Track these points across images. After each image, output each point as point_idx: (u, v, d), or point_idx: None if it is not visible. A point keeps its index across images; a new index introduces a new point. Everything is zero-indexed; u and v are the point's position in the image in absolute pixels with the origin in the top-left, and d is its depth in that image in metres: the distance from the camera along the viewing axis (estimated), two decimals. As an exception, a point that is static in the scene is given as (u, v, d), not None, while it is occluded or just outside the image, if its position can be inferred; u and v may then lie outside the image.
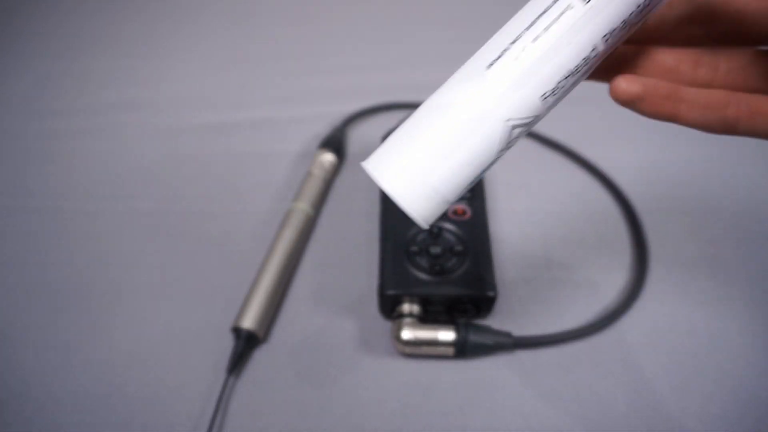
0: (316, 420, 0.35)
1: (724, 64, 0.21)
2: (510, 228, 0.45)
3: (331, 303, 0.41)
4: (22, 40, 0.69)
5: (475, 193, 0.41)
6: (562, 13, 0.18)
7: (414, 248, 0.38)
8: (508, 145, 0.20)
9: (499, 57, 0.19)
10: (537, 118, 0.20)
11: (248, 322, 0.37)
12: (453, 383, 0.36)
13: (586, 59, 0.19)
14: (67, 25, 0.71)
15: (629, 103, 0.20)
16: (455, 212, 0.40)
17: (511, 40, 0.19)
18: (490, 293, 0.36)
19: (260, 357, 0.38)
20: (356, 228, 0.45)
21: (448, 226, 0.39)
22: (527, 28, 0.19)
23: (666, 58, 0.21)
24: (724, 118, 0.20)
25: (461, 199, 0.40)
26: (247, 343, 0.37)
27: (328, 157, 0.48)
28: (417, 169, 0.19)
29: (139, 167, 0.51)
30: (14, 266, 0.43)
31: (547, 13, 0.18)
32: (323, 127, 0.54)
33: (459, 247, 0.38)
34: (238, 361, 0.36)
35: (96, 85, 0.61)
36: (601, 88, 0.24)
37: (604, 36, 0.19)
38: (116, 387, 0.36)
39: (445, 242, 0.38)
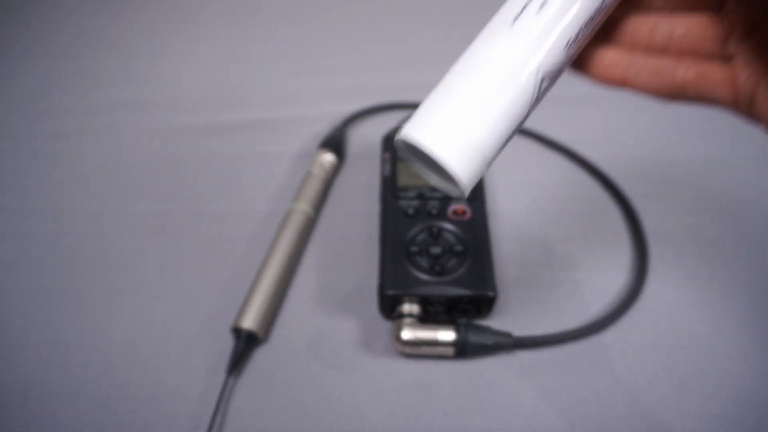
0: (316, 420, 0.35)
1: (679, 29, 0.21)
2: (510, 228, 0.45)
3: (331, 303, 0.41)
4: (23, 40, 0.69)
5: (475, 193, 0.41)
6: None
7: (414, 248, 0.38)
8: (539, 97, 0.20)
9: (522, 11, 0.19)
10: (562, 68, 0.20)
11: (248, 322, 0.37)
12: (453, 383, 0.36)
13: (598, 8, 0.19)
14: (67, 25, 0.71)
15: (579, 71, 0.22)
16: (455, 212, 0.40)
17: None
18: (490, 293, 0.36)
19: (260, 357, 0.38)
20: (356, 228, 0.45)
21: (448, 226, 0.39)
22: None
23: (626, 24, 0.22)
24: (671, 83, 0.21)
25: (461, 199, 0.40)
26: (247, 343, 0.37)
27: (328, 157, 0.48)
28: (458, 127, 0.19)
29: (139, 167, 0.51)
30: (14, 266, 0.43)
31: None
32: (323, 127, 0.54)
33: (459, 247, 0.38)
34: (238, 361, 0.36)
35: (96, 85, 0.61)
36: (601, 88, 0.24)
37: None
38: (116, 387, 0.36)
39: (445, 242, 0.38)
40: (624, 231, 0.45)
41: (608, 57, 0.22)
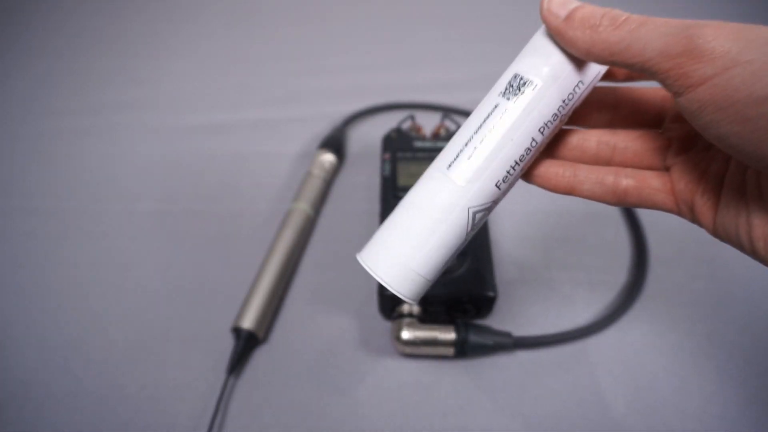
0: (316, 420, 0.35)
1: (620, 143, 0.24)
2: (510, 228, 0.45)
3: (331, 303, 0.41)
4: (23, 39, 0.69)
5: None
6: (501, 116, 0.22)
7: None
8: (474, 227, 0.23)
9: (456, 158, 0.22)
10: (496, 202, 0.23)
11: (248, 323, 0.37)
12: (453, 383, 0.36)
13: (528, 149, 0.22)
14: (67, 25, 0.71)
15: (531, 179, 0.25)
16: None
17: (465, 143, 0.22)
18: (490, 293, 0.36)
19: (260, 357, 0.38)
20: (356, 228, 0.45)
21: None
22: (476, 131, 0.22)
23: (573, 138, 0.25)
24: (614, 191, 0.23)
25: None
26: (247, 343, 0.37)
27: (328, 157, 0.48)
28: (400, 258, 0.23)
29: (139, 167, 0.51)
30: (14, 266, 0.43)
31: (490, 117, 0.22)
32: (323, 127, 0.54)
33: (459, 247, 0.38)
34: (238, 362, 0.36)
35: (96, 85, 0.61)
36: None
37: (540, 129, 0.22)
38: (116, 387, 0.36)
39: (445, 242, 0.38)
40: (624, 231, 0.45)
41: (553, 170, 0.24)
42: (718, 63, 0.16)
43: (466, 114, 0.55)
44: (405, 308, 0.37)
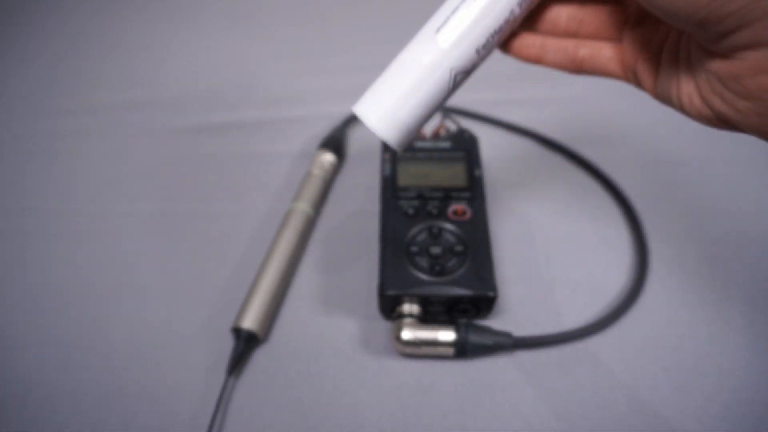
0: (316, 420, 0.35)
1: (586, 17, 0.28)
2: (510, 228, 0.45)
3: (331, 303, 0.41)
4: (23, 40, 0.69)
5: (475, 193, 0.41)
6: None
7: (414, 248, 0.38)
8: (455, 87, 0.27)
9: (444, 23, 0.25)
10: (475, 66, 0.27)
11: (248, 323, 0.37)
12: (453, 383, 0.36)
13: (506, 20, 0.26)
14: (67, 25, 0.71)
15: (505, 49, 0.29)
16: (455, 212, 0.40)
17: (452, 10, 0.25)
18: (490, 293, 0.36)
19: (260, 357, 0.38)
20: (356, 228, 0.45)
21: (448, 226, 0.39)
22: (462, 1, 0.25)
23: (548, 13, 0.28)
24: (573, 60, 0.28)
25: (461, 199, 0.41)
26: (247, 344, 0.37)
27: (328, 157, 0.48)
28: (390, 109, 0.26)
29: (139, 167, 0.51)
30: (14, 266, 0.43)
31: None
32: (323, 127, 0.54)
33: (459, 247, 0.38)
34: (238, 362, 0.36)
35: (96, 85, 0.61)
36: (601, 88, 0.25)
37: (518, 2, 0.25)
38: (116, 387, 0.36)
39: (445, 242, 0.38)
40: (624, 231, 0.45)
41: (525, 41, 0.28)
42: None
43: (466, 114, 0.55)
44: (405, 308, 0.37)
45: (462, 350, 0.36)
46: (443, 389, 0.36)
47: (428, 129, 0.48)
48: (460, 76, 0.26)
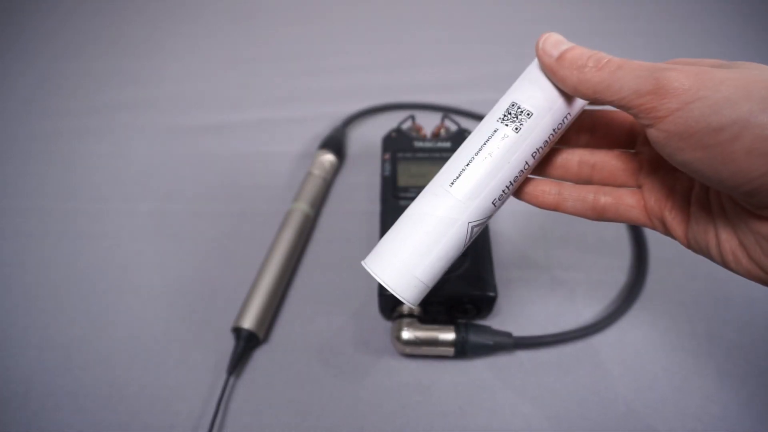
0: (316, 420, 0.35)
1: (598, 162, 0.27)
2: (510, 228, 0.45)
3: (331, 303, 0.41)
4: (23, 40, 0.69)
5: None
6: (501, 141, 0.24)
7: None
8: (471, 239, 0.25)
9: (458, 177, 0.24)
10: (490, 217, 0.26)
11: (248, 323, 0.37)
12: (453, 383, 0.36)
13: (521, 171, 0.25)
14: (67, 25, 0.71)
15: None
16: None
17: (466, 163, 0.24)
18: (490, 293, 0.36)
19: (260, 357, 0.38)
20: (356, 228, 0.45)
21: (448, 226, 0.39)
22: (476, 153, 0.24)
23: (558, 158, 0.27)
24: (594, 208, 0.26)
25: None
26: (247, 344, 0.37)
27: (328, 158, 0.48)
28: (405, 266, 0.25)
29: (139, 167, 0.51)
30: (14, 266, 0.43)
31: (490, 141, 0.24)
32: (323, 128, 0.54)
33: (459, 247, 0.38)
34: (238, 362, 0.36)
35: (96, 85, 0.61)
36: None
37: (533, 153, 0.24)
38: (117, 387, 0.36)
39: (445, 242, 0.38)
40: (624, 231, 0.45)
41: (540, 188, 0.27)
42: (681, 98, 0.19)
43: (466, 114, 0.55)
44: (405, 308, 0.37)
45: (462, 350, 0.36)
46: (443, 389, 0.36)
47: (428, 129, 0.48)
48: (476, 229, 0.25)
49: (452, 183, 0.24)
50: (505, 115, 0.24)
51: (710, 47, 0.64)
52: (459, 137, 0.45)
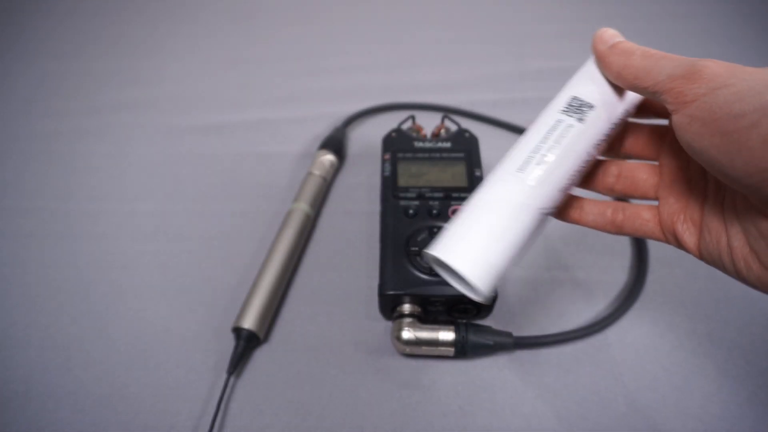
0: (316, 420, 0.35)
1: (623, 172, 0.28)
2: (510, 228, 0.45)
3: (332, 303, 0.41)
4: (23, 40, 0.69)
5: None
6: (566, 129, 0.25)
7: (414, 248, 0.38)
8: (539, 231, 0.25)
9: (526, 162, 0.25)
10: (555, 209, 0.26)
11: (249, 323, 0.37)
12: (453, 383, 0.36)
13: (586, 161, 0.25)
14: (67, 25, 0.71)
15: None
16: (455, 212, 0.40)
17: (533, 150, 0.25)
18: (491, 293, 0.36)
19: (260, 357, 0.38)
20: (356, 228, 0.45)
21: (448, 226, 0.39)
22: (543, 140, 0.25)
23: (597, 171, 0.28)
24: (612, 222, 0.28)
25: (462, 199, 0.41)
26: (247, 344, 0.37)
27: (329, 158, 0.48)
28: (479, 253, 0.24)
29: (139, 167, 0.51)
30: (14, 266, 0.43)
31: (555, 129, 0.25)
32: (323, 128, 0.54)
33: (459, 247, 0.38)
34: (238, 362, 0.36)
35: (96, 85, 0.61)
36: None
37: (596, 144, 0.25)
38: (117, 387, 0.36)
39: (445, 242, 0.38)
40: (624, 231, 0.45)
41: (569, 201, 0.28)
42: (709, 84, 0.20)
43: (466, 114, 0.55)
44: (405, 308, 0.37)
45: (462, 350, 0.36)
46: (443, 389, 0.36)
47: (428, 129, 0.49)
48: (544, 219, 0.25)
49: (521, 168, 0.25)
50: (567, 108, 0.25)
51: (710, 47, 0.64)
52: (459, 137, 0.45)
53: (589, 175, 0.28)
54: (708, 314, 0.39)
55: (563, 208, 0.28)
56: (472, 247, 0.24)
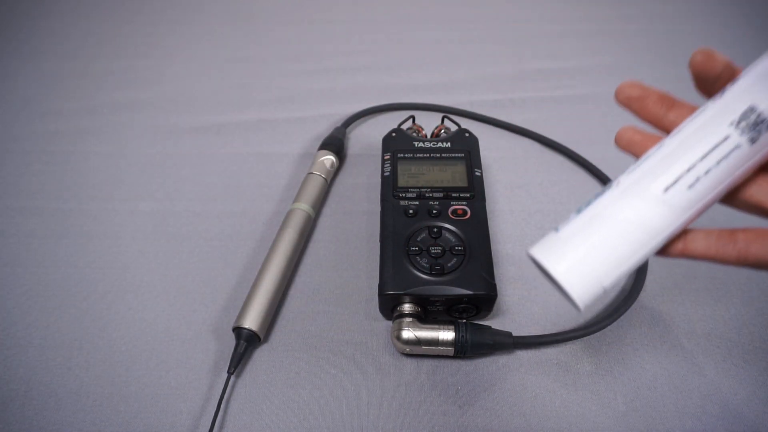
0: (316, 420, 0.35)
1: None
2: (510, 228, 0.45)
3: (331, 303, 0.41)
4: (23, 40, 0.69)
5: (475, 193, 0.41)
6: (732, 150, 0.21)
7: (414, 248, 0.38)
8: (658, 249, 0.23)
9: (674, 183, 0.21)
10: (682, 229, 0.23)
11: (249, 322, 0.37)
12: (453, 383, 0.36)
13: (736, 185, 0.22)
14: (67, 25, 0.71)
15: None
16: (455, 212, 0.40)
17: (685, 169, 0.21)
18: (490, 293, 0.36)
19: (260, 357, 0.38)
20: (356, 228, 0.45)
21: (448, 226, 0.39)
22: (701, 159, 0.21)
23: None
24: (734, 244, 0.22)
25: (461, 198, 0.41)
26: (247, 343, 0.37)
27: (329, 158, 0.48)
28: (593, 274, 0.22)
29: (139, 167, 0.51)
30: (14, 266, 0.44)
31: (718, 148, 0.21)
32: (324, 128, 0.54)
33: (459, 247, 0.38)
34: (239, 361, 0.36)
35: (96, 85, 0.61)
36: (601, 88, 0.24)
37: (753, 171, 0.21)
38: (117, 386, 0.36)
39: (445, 242, 0.38)
40: (623, 231, 0.45)
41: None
42: None
43: (466, 114, 0.55)
44: (405, 308, 0.37)
45: (462, 350, 0.36)
46: (443, 389, 0.36)
47: (428, 129, 0.49)
48: (669, 239, 0.22)
49: (667, 189, 0.21)
50: (740, 121, 0.21)
51: (710, 47, 0.64)
52: (459, 137, 0.45)
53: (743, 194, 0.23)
54: (708, 314, 0.40)
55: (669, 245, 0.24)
56: (587, 267, 0.22)
